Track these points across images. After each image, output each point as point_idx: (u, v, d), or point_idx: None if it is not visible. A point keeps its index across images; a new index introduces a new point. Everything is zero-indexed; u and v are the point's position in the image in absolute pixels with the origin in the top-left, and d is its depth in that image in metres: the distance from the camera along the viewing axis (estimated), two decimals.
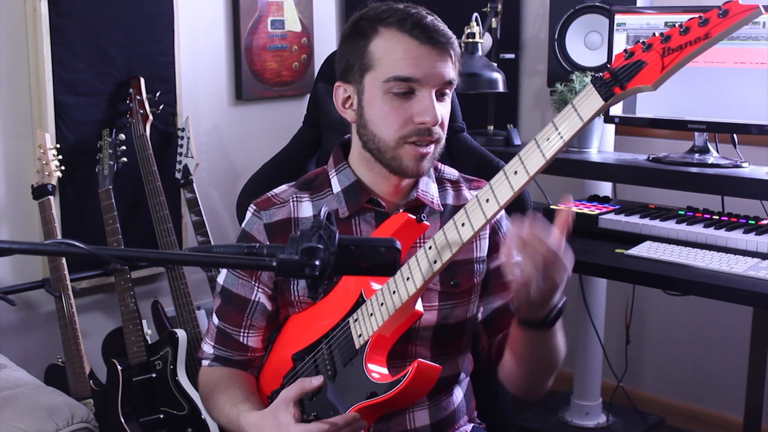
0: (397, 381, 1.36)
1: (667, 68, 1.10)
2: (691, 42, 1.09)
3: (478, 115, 2.99)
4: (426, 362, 1.36)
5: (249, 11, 3.12)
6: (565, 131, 1.19)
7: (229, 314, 1.59)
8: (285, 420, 1.40)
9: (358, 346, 1.42)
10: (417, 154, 1.47)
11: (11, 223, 2.62)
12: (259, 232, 1.56)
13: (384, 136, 1.48)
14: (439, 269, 1.31)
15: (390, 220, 1.46)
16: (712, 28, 1.08)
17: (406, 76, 1.44)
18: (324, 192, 1.58)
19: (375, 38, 1.47)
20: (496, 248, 1.61)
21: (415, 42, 1.44)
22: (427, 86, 1.45)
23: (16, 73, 2.58)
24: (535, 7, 3.31)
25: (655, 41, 1.12)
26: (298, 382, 1.44)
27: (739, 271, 2.05)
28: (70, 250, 0.98)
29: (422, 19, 1.45)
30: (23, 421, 1.90)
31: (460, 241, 1.28)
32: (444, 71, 1.46)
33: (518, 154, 1.23)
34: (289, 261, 1.00)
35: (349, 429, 1.38)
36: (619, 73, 1.14)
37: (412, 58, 1.43)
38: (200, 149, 2.95)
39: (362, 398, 1.39)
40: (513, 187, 1.23)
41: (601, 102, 1.15)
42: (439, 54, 1.45)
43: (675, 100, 2.51)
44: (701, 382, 3.12)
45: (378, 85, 1.46)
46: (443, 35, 1.45)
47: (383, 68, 1.45)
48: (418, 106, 1.45)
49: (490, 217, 1.26)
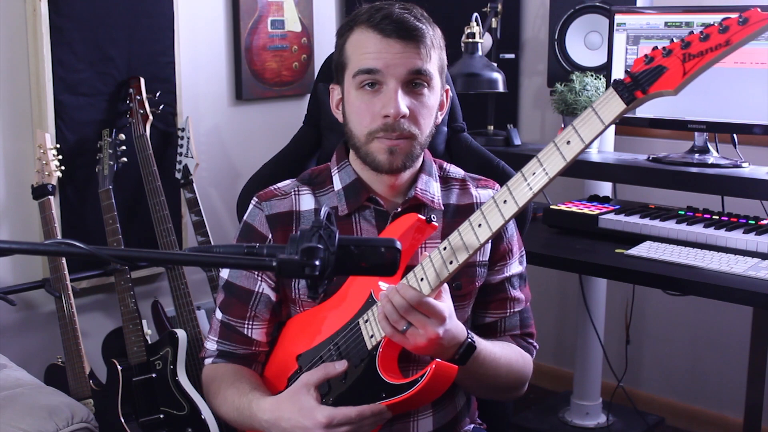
0: (415, 381, 1.35)
1: (688, 74, 1.13)
2: (712, 48, 1.11)
3: (478, 115, 2.99)
4: (443, 362, 1.36)
5: (249, 11, 3.13)
6: (586, 134, 1.20)
7: (233, 307, 1.59)
8: (308, 403, 1.38)
9: (369, 347, 1.42)
10: (385, 146, 1.47)
11: (11, 223, 2.62)
12: (261, 223, 1.56)
13: (357, 132, 1.50)
14: (454, 270, 1.32)
15: (399, 220, 1.46)
16: (732, 35, 1.10)
17: (367, 68, 1.45)
18: (326, 188, 1.59)
19: (349, 36, 1.50)
20: (500, 255, 1.61)
21: (379, 35, 1.45)
22: (391, 78, 1.45)
23: (16, 73, 2.58)
24: (535, 7, 3.31)
25: (675, 47, 1.14)
26: (321, 367, 1.43)
27: (739, 271, 2.05)
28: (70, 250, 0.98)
29: (391, 14, 1.45)
30: (23, 421, 1.90)
31: (477, 243, 1.29)
32: (410, 62, 1.45)
33: (536, 156, 1.24)
34: (289, 261, 1.00)
35: (373, 420, 1.37)
36: (641, 78, 1.16)
37: (376, 51, 1.45)
38: (200, 149, 2.95)
39: (375, 398, 1.38)
40: (532, 188, 1.24)
41: (623, 106, 1.17)
42: (403, 45, 1.45)
43: (675, 100, 2.48)
44: (701, 382, 3.12)
45: (350, 81, 1.49)
46: (408, 27, 1.45)
47: (353, 64, 1.48)
48: (383, 99, 1.46)
49: (509, 218, 1.27)
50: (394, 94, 1.45)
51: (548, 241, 2.46)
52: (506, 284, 1.62)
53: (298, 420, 1.37)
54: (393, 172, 1.51)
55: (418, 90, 1.48)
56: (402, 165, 1.51)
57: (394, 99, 1.45)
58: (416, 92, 1.48)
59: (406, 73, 1.46)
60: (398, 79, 1.45)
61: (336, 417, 1.34)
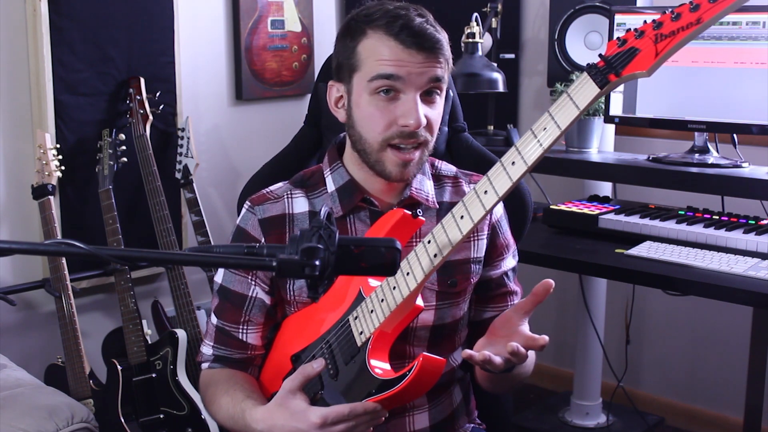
0: (403, 375, 1.35)
1: (660, 54, 1.12)
2: (683, 27, 1.11)
3: (478, 115, 2.99)
4: (431, 356, 1.36)
5: (249, 11, 3.13)
6: (562, 120, 1.20)
7: (228, 312, 1.59)
8: (298, 406, 1.38)
9: (359, 344, 1.42)
10: (400, 160, 1.47)
11: (11, 223, 2.62)
12: (254, 227, 1.56)
13: (369, 138, 1.48)
14: (439, 263, 1.32)
15: (385, 217, 1.46)
16: (703, 13, 1.10)
17: (388, 74, 1.43)
18: (319, 190, 1.59)
19: (363, 39, 1.47)
20: (498, 250, 1.62)
21: (400, 45, 1.43)
22: (411, 88, 1.44)
23: (16, 73, 2.58)
24: (535, 7, 3.31)
25: (647, 28, 1.14)
26: (299, 370, 1.43)
27: (739, 271, 2.05)
28: (70, 250, 0.98)
29: (410, 22, 1.44)
30: (23, 421, 1.90)
31: (459, 235, 1.29)
32: (431, 71, 1.45)
33: (515, 145, 1.24)
34: (289, 261, 1.00)
35: (368, 417, 1.37)
36: (613, 61, 1.15)
37: (397, 59, 1.43)
38: (200, 149, 2.95)
39: (367, 395, 1.38)
40: (511, 177, 1.24)
41: (597, 90, 1.17)
42: (425, 57, 1.44)
43: (675, 100, 2.51)
44: (701, 382, 3.12)
45: (364, 85, 1.47)
46: (430, 39, 1.44)
47: (369, 68, 1.46)
48: (401, 108, 1.45)
49: (489, 208, 1.26)
50: (414, 104, 1.44)
51: (548, 241, 2.46)
52: (504, 278, 1.64)
53: (292, 424, 1.37)
54: (401, 181, 1.52)
55: (432, 98, 1.48)
56: (413, 176, 1.52)
57: (415, 109, 1.44)
58: (431, 100, 1.48)
59: (426, 82, 1.45)
60: (418, 88, 1.44)
61: (329, 416, 1.34)
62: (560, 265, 2.41)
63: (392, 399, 1.38)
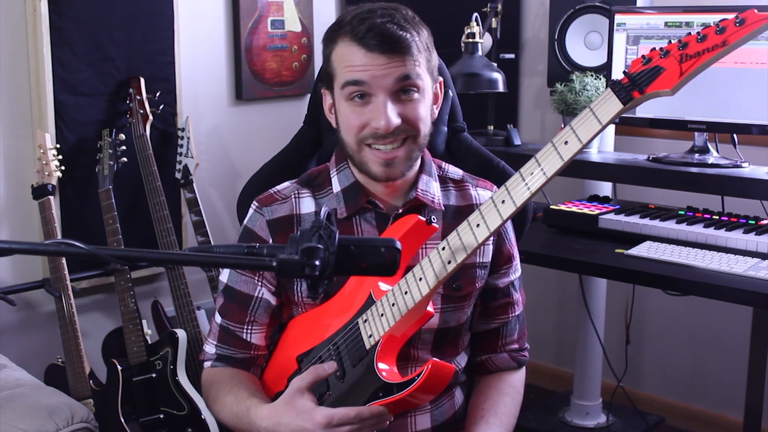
0: (412, 380, 1.36)
1: (685, 74, 1.14)
2: (709, 49, 1.12)
3: (478, 115, 2.99)
4: (440, 361, 1.37)
5: (249, 11, 3.13)
6: (583, 134, 1.21)
7: (232, 311, 1.59)
8: (304, 406, 1.38)
9: (368, 347, 1.42)
10: (381, 159, 1.48)
11: (11, 223, 2.62)
12: (262, 228, 1.56)
13: (348, 141, 1.50)
14: (453, 270, 1.32)
15: (400, 222, 1.46)
16: (729, 36, 1.11)
17: (354, 80, 1.45)
18: (325, 190, 1.59)
19: (334, 48, 1.49)
20: (505, 258, 1.62)
21: (363, 50, 1.44)
22: (379, 90, 1.45)
23: (16, 73, 2.58)
24: (535, 7, 3.31)
25: (673, 48, 1.15)
26: (311, 369, 1.43)
27: (739, 271, 2.05)
28: (70, 250, 0.98)
29: (373, 25, 1.44)
30: (23, 421, 1.90)
31: (475, 242, 1.29)
32: (396, 71, 1.44)
33: (534, 157, 1.24)
34: (289, 261, 1.00)
35: (373, 421, 1.37)
36: (638, 78, 1.17)
37: (361, 64, 1.44)
38: (200, 149, 2.95)
39: (374, 398, 1.38)
40: (530, 188, 1.24)
41: (620, 106, 1.18)
42: (388, 59, 1.44)
43: (675, 100, 2.48)
44: (701, 382, 3.12)
45: (339, 92, 1.49)
46: (391, 39, 1.43)
47: (341, 76, 1.48)
48: (372, 112, 1.46)
49: (507, 218, 1.27)
50: (384, 108, 1.44)
51: (548, 241, 2.46)
52: (510, 288, 1.64)
53: (297, 423, 1.37)
54: (389, 180, 1.52)
55: (408, 96, 1.47)
56: (400, 174, 1.51)
57: (384, 112, 1.44)
58: (407, 98, 1.47)
59: (393, 83, 1.45)
60: (386, 90, 1.45)
61: (335, 417, 1.34)
62: (560, 265, 2.41)
63: (398, 403, 1.38)
